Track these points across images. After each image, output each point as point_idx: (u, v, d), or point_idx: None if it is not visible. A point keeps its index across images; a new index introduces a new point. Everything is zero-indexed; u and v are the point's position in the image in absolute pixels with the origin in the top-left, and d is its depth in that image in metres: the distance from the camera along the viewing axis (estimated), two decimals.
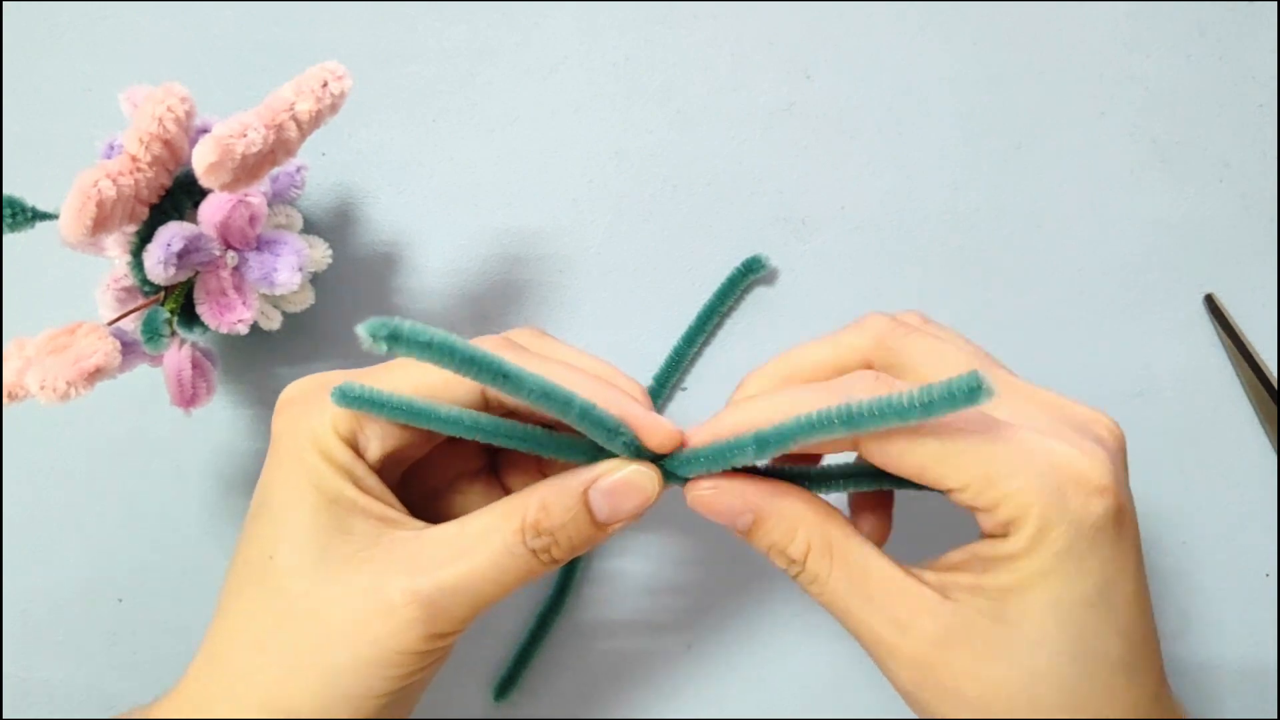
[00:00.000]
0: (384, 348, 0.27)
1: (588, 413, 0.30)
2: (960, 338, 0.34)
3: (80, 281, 0.41)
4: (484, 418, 0.32)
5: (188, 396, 0.41)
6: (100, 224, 0.34)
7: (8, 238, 0.46)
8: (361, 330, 0.26)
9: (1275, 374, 0.46)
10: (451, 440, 0.33)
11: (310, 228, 0.46)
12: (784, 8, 0.49)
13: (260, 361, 0.47)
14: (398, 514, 0.33)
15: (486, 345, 0.31)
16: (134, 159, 0.36)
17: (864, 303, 0.47)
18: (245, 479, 0.46)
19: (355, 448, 0.33)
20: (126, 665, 0.45)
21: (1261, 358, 0.46)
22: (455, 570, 0.31)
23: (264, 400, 0.46)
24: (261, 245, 0.41)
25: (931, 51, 0.49)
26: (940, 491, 0.31)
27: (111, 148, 0.41)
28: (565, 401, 0.30)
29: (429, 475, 0.37)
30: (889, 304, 0.47)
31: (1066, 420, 0.31)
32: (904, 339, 0.33)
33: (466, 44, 0.49)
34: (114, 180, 0.34)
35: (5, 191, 0.36)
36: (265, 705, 0.31)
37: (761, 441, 0.30)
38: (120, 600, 0.45)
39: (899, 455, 0.30)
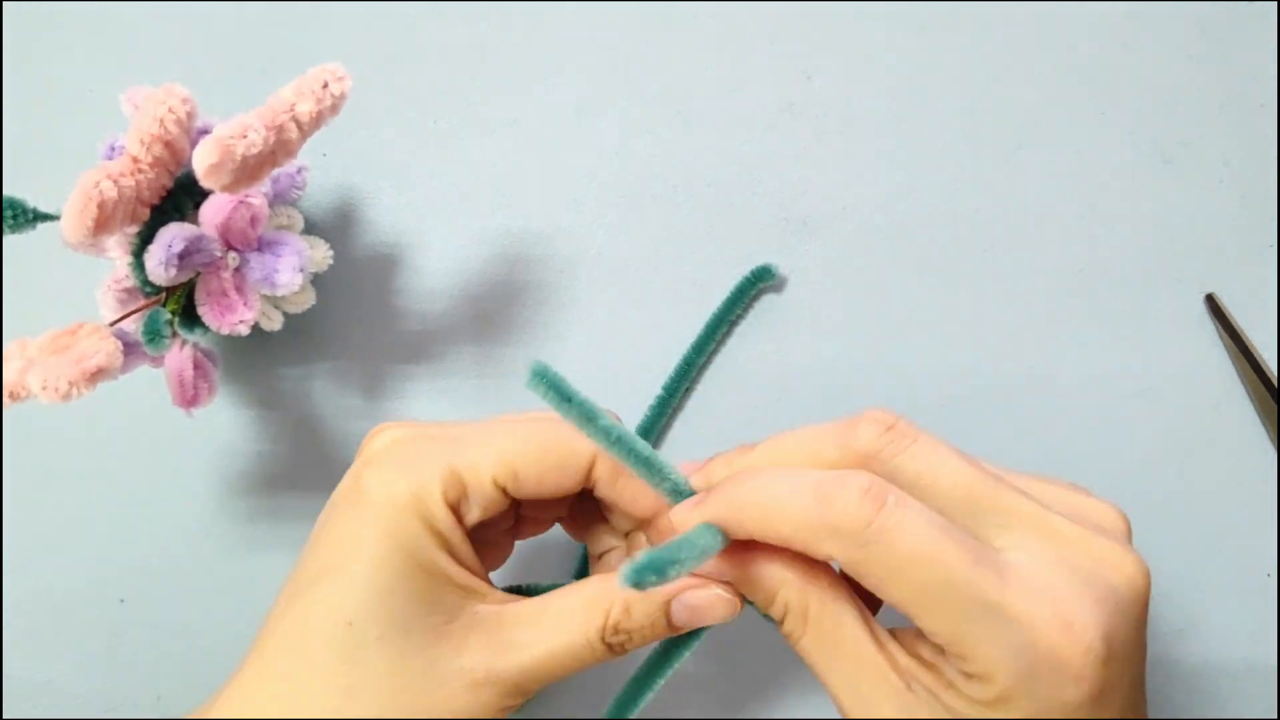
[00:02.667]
0: (542, 393, 0.30)
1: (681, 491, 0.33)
2: (956, 453, 0.31)
3: (81, 282, 0.41)
4: (636, 441, 0.32)
5: (189, 397, 0.41)
6: (101, 225, 0.34)
7: (8, 239, 0.46)
8: (526, 370, 0.29)
9: (1275, 374, 0.46)
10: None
11: (311, 228, 0.46)
12: (784, 8, 0.49)
13: (261, 362, 0.47)
14: (480, 583, 0.33)
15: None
16: (135, 160, 0.36)
17: (864, 303, 0.47)
18: (247, 480, 0.46)
19: (457, 512, 0.32)
20: (127, 665, 0.45)
21: (1262, 358, 0.46)
22: (535, 654, 0.31)
23: (265, 401, 0.46)
24: (263, 246, 0.41)
25: (931, 51, 0.49)
26: None
27: (113, 149, 0.41)
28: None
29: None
30: (889, 304, 0.47)
31: (1071, 547, 0.29)
32: (902, 451, 0.31)
33: (466, 44, 0.49)
34: (115, 181, 0.34)
35: (6, 192, 0.36)
36: None
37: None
38: (122, 601, 0.45)
39: (876, 587, 0.29)
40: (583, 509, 0.37)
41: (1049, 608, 0.28)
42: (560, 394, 0.30)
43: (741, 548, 0.32)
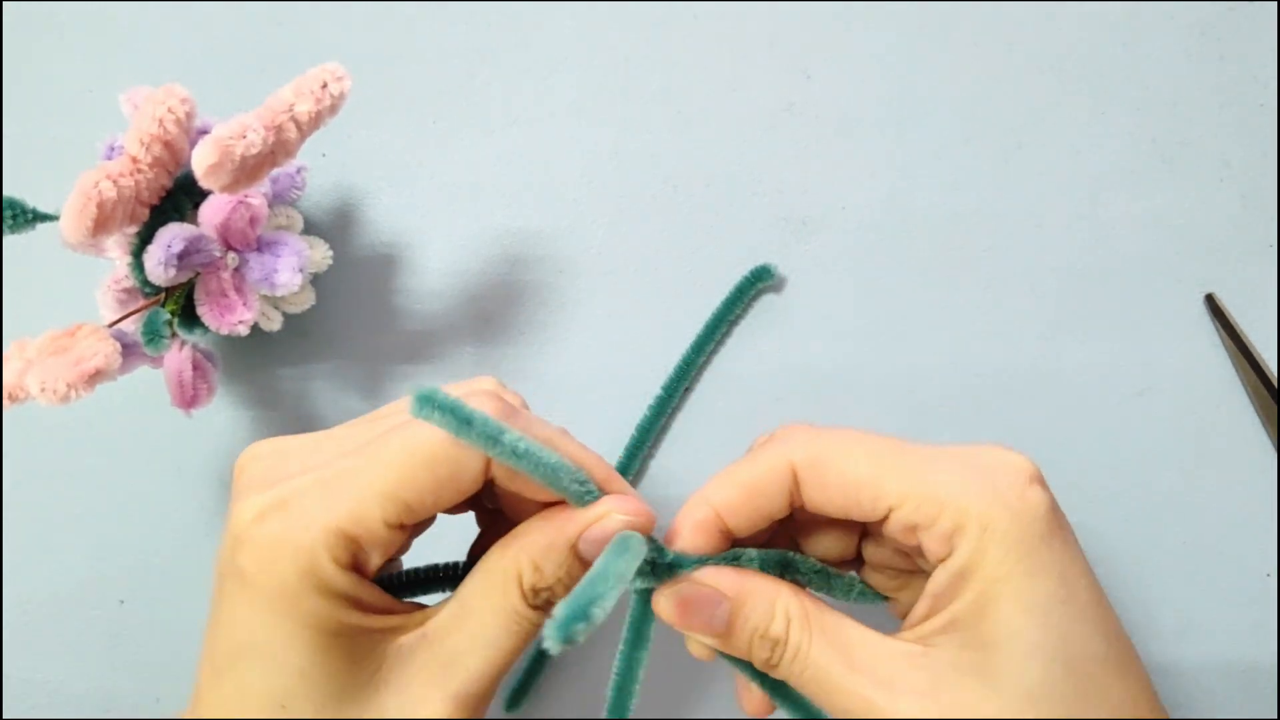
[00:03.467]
0: (424, 415, 0.27)
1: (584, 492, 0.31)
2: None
3: (81, 283, 0.41)
4: (544, 453, 0.30)
5: (188, 398, 0.41)
6: (101, 225, 0.34)
7: (8, 239, 0.46)
8: (410, 399, 0.27)
9: (1275, 374, 0.46)
10: None
11: (311, 228, 0.46)
12: (784, 8, 0.49)
13: (261, 363, 0.47)
14: (395, 618, 0.31)
15: (485, 405, 0.30)
16: (135, 160, 0.36)
17: (864, 303, 0.47)
18: None
19: (356, 567, 0.30)
20: (127, 666, 0.45)
21: (1262, 358, 0.46)
22: (479, 658, 0.30)
23: (265, 401, 0.46)
24: (262, 246, 0.41)
25: (931, 51, 0.49)
26: (877, 527, 0.31)
27: (112, 149, 0.41)
28: (566, 480, 0.30)
29: None
30: (889, 304, 0.47)
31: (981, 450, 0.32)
32: (827, 437, 0.33)
33: (466, 44, 0.49)
34: (115, 181, 0.34)
35: (6, 192, 0.36)
36: None
37: (765, 561, 0.32)
38: (121, 601, 0.45)
39: (836, 487, 0.31)
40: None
41: (981, 449, 0.31)
42: (457, 418, 0.28)
43: (733, 572, 0.32)
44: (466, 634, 0.31)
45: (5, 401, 0.34)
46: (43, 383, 0.33)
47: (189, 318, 0.40)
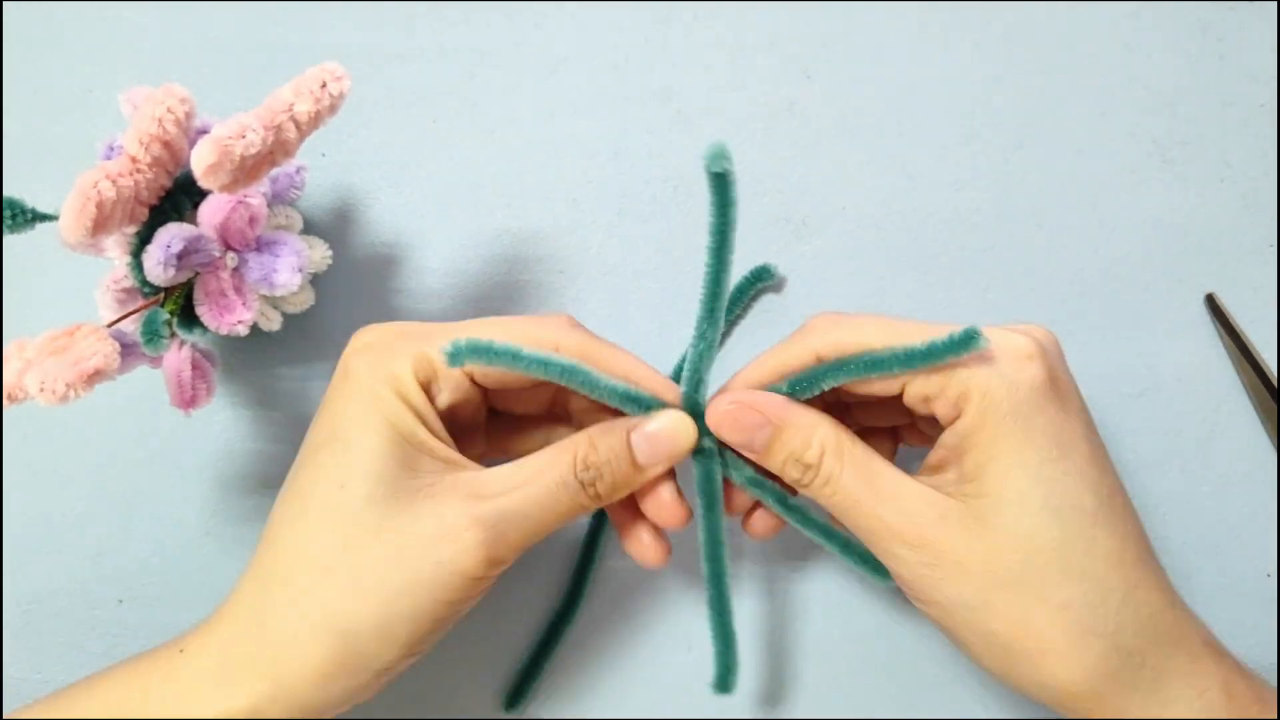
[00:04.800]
0: (459, 363, 0.34)
1: (639, 399, 0.37)
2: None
3: (80, 283, 0.41)
4: (569, 363, 0.35)
5: (187, 397, 0.41)
6: (100, 225, 0.34)
7: (8, 238, 0.46)
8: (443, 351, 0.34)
9: (1275, 374, 0.46)
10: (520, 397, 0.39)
11: (310, 228, 0.46)
12: (784, 8, 0.49)
13: (260, 362, 0.47)
14: (459, 456, 0.36)
15: (550, 329, 0.37)
16: (134, 160, 0.36)
17: (864, 303, 0.47)
18: (246, 479, 0.46)
19: (429, 392, 0.36)
20: None
21: (1262, 358, 0.46)
22: (513, 497, 0.35)
23: (264, 401, 0.46)
24: (261, 246, 0.41)
25: (931, 51, 0.49)
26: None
27: (111, 149, 0.41)
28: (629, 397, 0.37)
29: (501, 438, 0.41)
30: (889, 304, 0.47)
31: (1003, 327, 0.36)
32: (848, 322, 0.37)
33: (466, 44, 0.49)
34: (114, 181, 0.34)
35: (5, 192, 0.36)
36: (327, 620, 0.33)
37: (795, 385, 0.36)
38: (121, 601, 0.45)
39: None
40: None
41: (990, 330, 0.34)
42: (493, 354, 0.34)
43: (777, 399, 0.37)
44: (510, 479, 0.35)
45: (4, 401, 0.34)
46: (42, 382, 0.33)
47: (188, 317, 0.40)
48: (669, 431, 0.37)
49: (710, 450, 0.38)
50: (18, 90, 0.48)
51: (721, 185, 0.34)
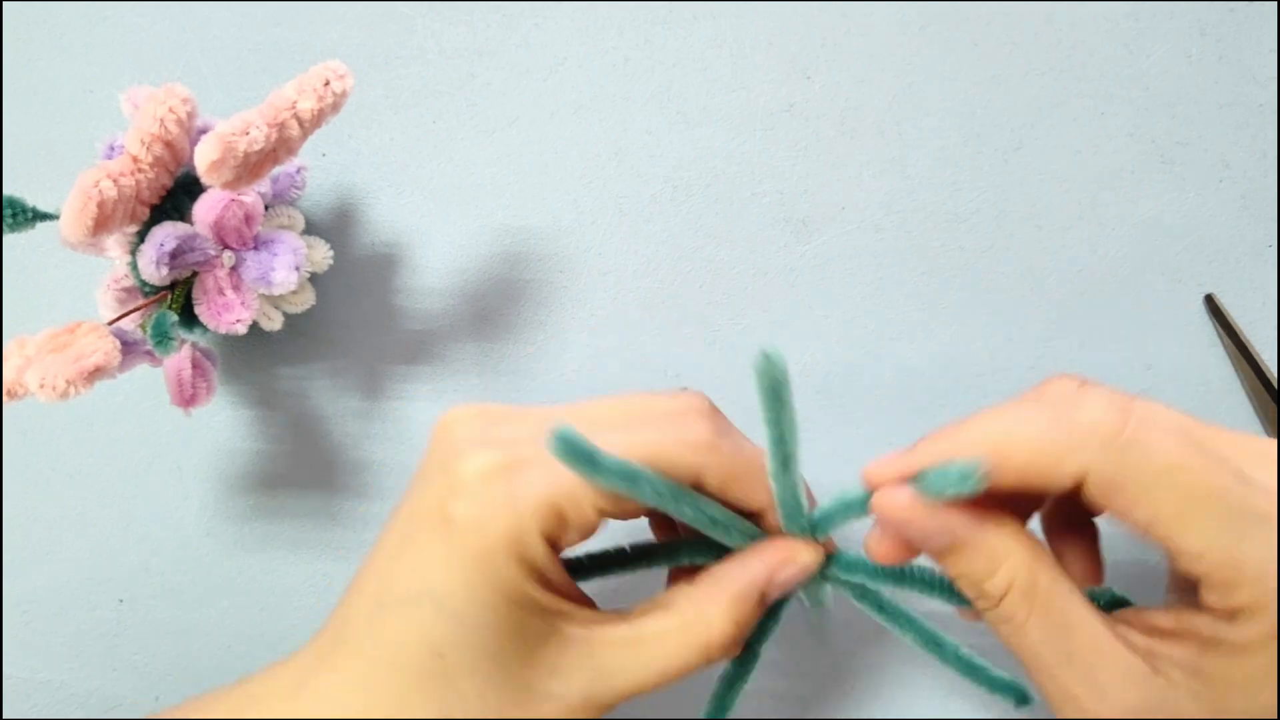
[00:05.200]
0: (575, 468, 0.28)
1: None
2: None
3: (80, 281, 0.41)
4: (689, 494, 0.31)
5: (188, 396, 0.41)
6: (101, 224, 0.34)
7: (8, 238, 0.46)
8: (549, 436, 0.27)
9: (1275, 374, 0.46)
10: None
11: (311, 228, 0.46)
12: (784, 8, 0.49)
13: (261, 362, 0.47)
14: (570, 605, 0.31)
15: (704, 431, 0.31)
16: (135, 159, 0.36)
17: (864, 303, 0.47)
18: (246, 479, 0.46)
19: (554, 544, 0.31)
20: (127, 666, 0.45)
21: (1261, 358, 0.46)
22: (633, 679, 0.31)
23: (264, 401, 0.46)
24: (259, 245, 0.41)
25: (931, 51, 0.49)
26: (1162, 552, 0.28)
27: (112, 148, 0.41)
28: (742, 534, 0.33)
29: None
30: (889, 304, 0.47)
31: None
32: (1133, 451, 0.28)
33: (466, 44, 0.49)
34: (115, 181, 0.34)
35: (6, 191, 0.36)
36: None
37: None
38: (121, 601, 0.45)
39: (1130, 503, 0.27)
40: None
41: None
42: (585, 461, 0.28)
43: (964, 511, 0.29)
44: (630, 657, 0.31)
45: (4, 398, 0.34)
46: (42, 379, 0.33)
47: (188, 317, 0.40)
48: (808, 573, 0.32)
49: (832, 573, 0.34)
50: (19, 90, 0.48)
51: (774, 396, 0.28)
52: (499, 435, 0.31)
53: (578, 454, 0.27)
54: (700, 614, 0.31)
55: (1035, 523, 0.35)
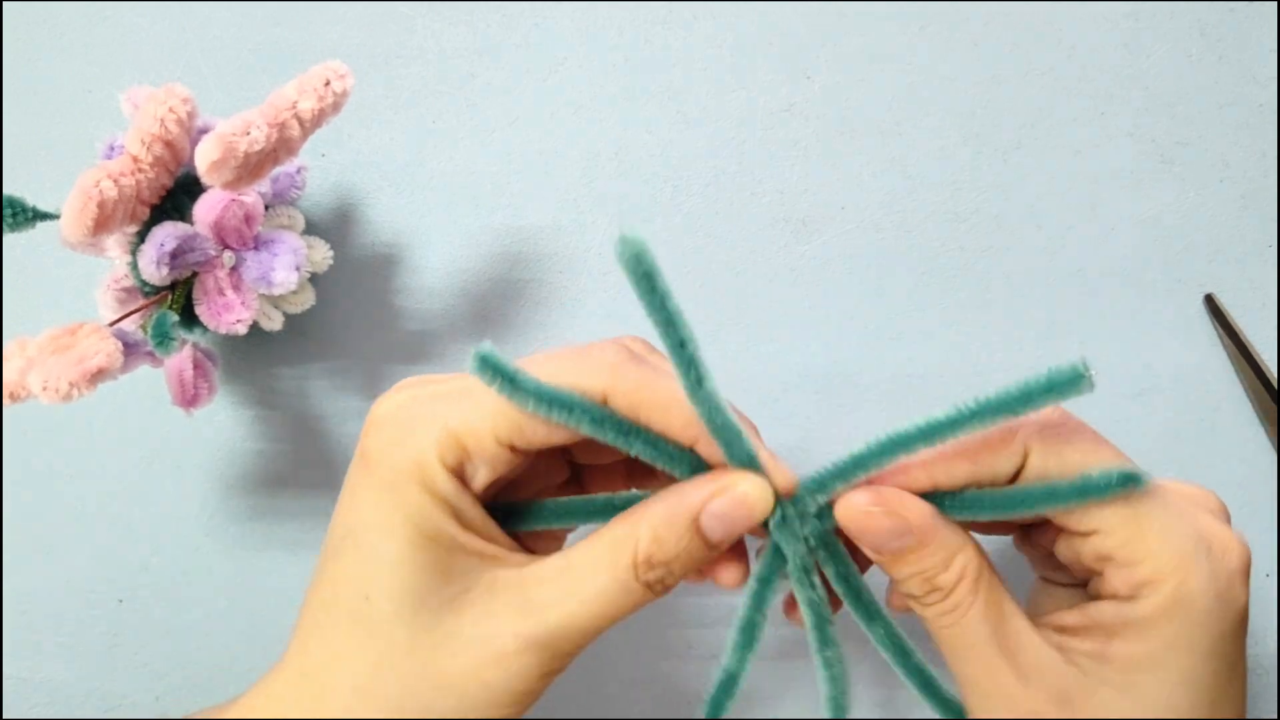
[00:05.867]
0: (496, 388, 0.28)
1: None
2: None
3: (80, 282, 0.41)
4: (615, 416, 0.30)
5: (189, 397, 0.41)
6: (101, 224, 0.34)
7: (8, 238, 0.46)
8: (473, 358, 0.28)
9: (1275, 374, 0.46)
10: (539, 453, 0.32)
11: (311, 228, 0.46)
12: (784, 8, 0.49)
13: (261, 362, 0.47)
14: (497, 548, 0.31)
15: (610, 353, 0.31)
16: (135, 160, 0.36)
17: (864, 303, 0.47)
18: (246, 479, 0.46)
19: (461, 477, 0.30)
20: (126, 666, 0.45)
21: (1261, 358, 0.46)
22: (566, 610, 0.30)
23: (265, 401, 0.46)
24: (259, 245, 0.41)
25: (931, 51, 0.49)
26: (1071, 537, 0.31)
27: (112, 148, 0.41)
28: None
29: (512, 489, 0.34)
30: (889, 304, 0.47)
31: (1191, 498, 0.32)
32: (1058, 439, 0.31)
33: (466, 44, 0.49)
34: (115, 181, 0.34)
35: (6, 191, 0.36)
36: None
37: (950, 505, 0.30)
38: (120, 601, 0.45)
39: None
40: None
41: (1203, 512, 0.30)
42: (506, 377, 0.28)
43: (926, 506, 0.30)
44: (561, 586, 0.30)
45: (6, 400, 0.34)
46: (45, 381, 0.33)
47: (189, 317, 0.40)
48: (745, 502, 0.30)
49: (792, 518, 0.31)
50: (18, 90, 0.48)
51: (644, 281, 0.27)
52: (417, 383, 0.32)
53: (497, 371, 0.28)
54: (630, 532, 0.30)
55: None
